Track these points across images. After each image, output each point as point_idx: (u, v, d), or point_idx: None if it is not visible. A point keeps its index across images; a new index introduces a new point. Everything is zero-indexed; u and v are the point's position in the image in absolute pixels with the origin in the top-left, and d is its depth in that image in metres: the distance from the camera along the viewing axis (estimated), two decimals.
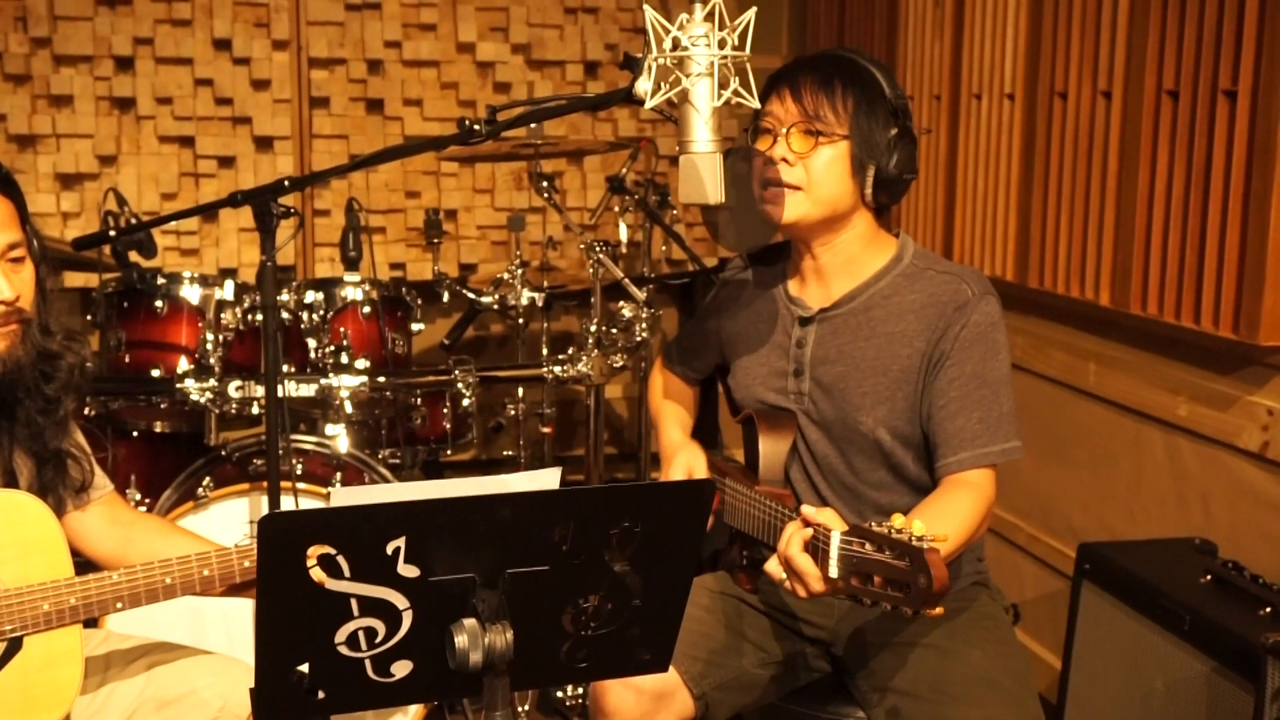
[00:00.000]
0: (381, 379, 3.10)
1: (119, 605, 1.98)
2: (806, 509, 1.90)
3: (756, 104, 1.96)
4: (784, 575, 1.90)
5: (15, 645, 1.93)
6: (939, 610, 1.70)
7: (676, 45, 1.88)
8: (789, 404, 2.28)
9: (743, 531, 2.25)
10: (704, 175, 1.92)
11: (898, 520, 1.75)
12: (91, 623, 2.56)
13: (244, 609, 2.64)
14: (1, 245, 1.98)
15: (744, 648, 2.26)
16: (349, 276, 3.30)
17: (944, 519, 1.98)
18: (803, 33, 4.79)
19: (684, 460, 2.33)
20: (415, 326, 3.43)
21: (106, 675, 2.12)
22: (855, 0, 4.29)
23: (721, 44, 1.88)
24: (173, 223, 3.65)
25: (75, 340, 2.15)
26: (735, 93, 1.91)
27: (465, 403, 3.36)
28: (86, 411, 3.09)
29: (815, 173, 2.15)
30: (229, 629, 2.81)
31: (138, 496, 3.15)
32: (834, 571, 1.81)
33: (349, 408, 3.09)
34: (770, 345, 2.32)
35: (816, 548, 1.84)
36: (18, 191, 2.05)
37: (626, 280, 3.36)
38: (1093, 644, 2.68)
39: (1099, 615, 2.66)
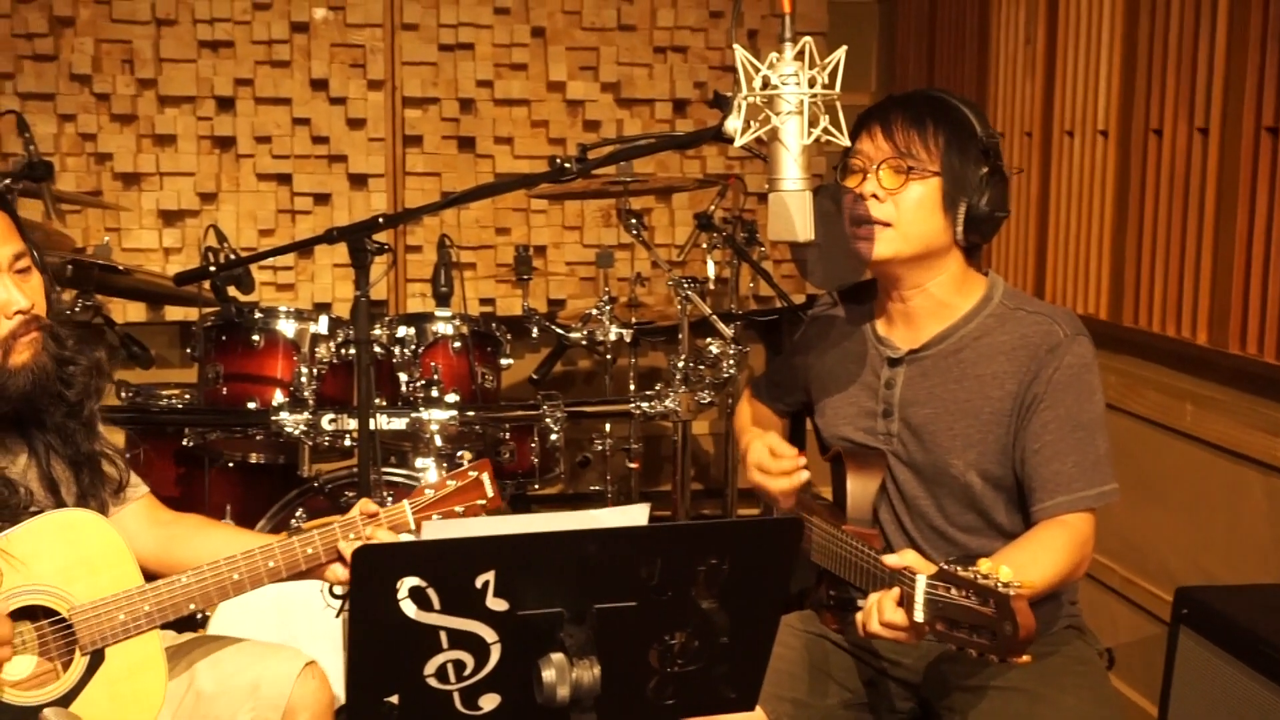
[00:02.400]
0: (471, 413, 3.13)
1: (191, 606, 2.03)
2: (889, 557, 1.89)
3: (846, 142, 1.96)
4: (876, 629, 1.89)
5: (98, 658, 1.97)
6: (1026, 658, 1.68)
7: (766, 84, 1.89)
8: (877, 444, 2.26)
9: (830, 571, 2.23)
10: (793, 213, 1.93)
11: (984, 565, 1.73)
12: (191, 624, 2.63)
13: (329, 613, 2.67)
14: (7, 257, 2.02)
15: (829, 687, 2.24)
16: (440, 312, 3.35)
17: (1034, 562, 1.95)
18: (891, 72, 4.79)
19: (760, 442, 2.25)
20: (504, 361, 3.46)
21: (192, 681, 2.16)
22: (945, 39, 4.27)
23: (811, 83, 1.89)
24: (270, 258, 3.74)
25: (87, 343, 2.18)
26: (825, 131, 1.91)
27: (553, 437, 3.38)
28: (184, 442, 3.15)
29: (906, 209, 2.14)
30: (313, 631, 2.84)
31: (210, 519, 3.20)
32: (919, 616, 1.79)
33: (438, 441, 3.13)
34: (859, 385, 2.31)
35: (903, 593, 1.82)
36: (9, 205, 2.10)
37: (714, 317, 3.37)
38: (1191, 691, 2.61)
39: (1197, 661, 2.59)
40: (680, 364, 3.31)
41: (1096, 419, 2.12)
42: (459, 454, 2.31)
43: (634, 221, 3.62)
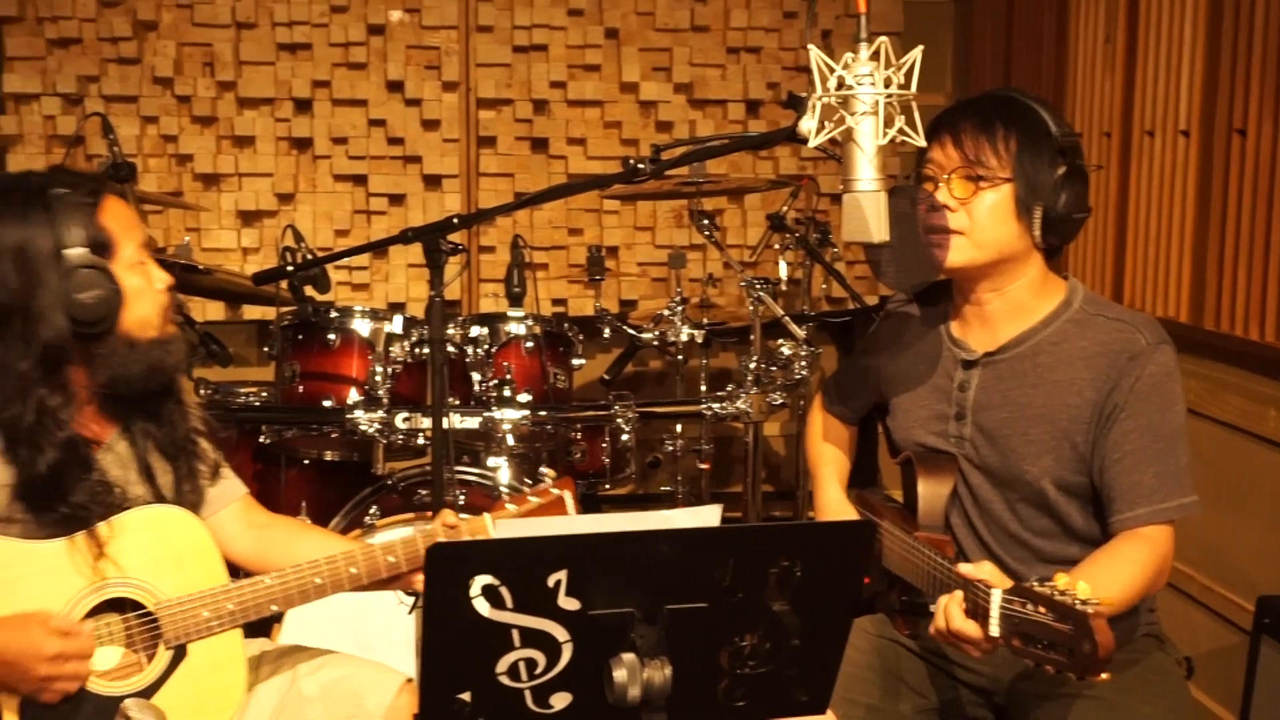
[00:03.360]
0: (542, 413, 3.15)
1: (273, 607, 2.07)
2: (964, 567, 1.87)
3: (921, 142, 1.94)
4: (949, 641, 1.88)
5: (181, 653, 2.01)
6: (1105, 676, 1.65)
7: (841, 84, 1.88)
8: (949, 447, 2.24)
9: (901, 577, 2.22)
10: (868, 214, 1.91)
11: (1062, 580, 1.71)
12: (262, 629, 2.66)
13: (402, 616, 2.70)
14: (143, 239, 2.09)
15: (902, 692, 2.22)
16: (513, 312, 3.36)
17: (1113, 576, 1.93)
18: (967, 71, 4.74)
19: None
20: (576, 361, 3.47)
21: (252, 681, 2.19)
22: (1022, 37, 4.22)
23: (887, 83, 1.87)
24: (346, 258, 3.78)
25: (176, 324, 2.21)
26: (900, 131, 1.90)
27: (624, 438, 3.38)
28: (261, 439, 3.19)
29: (978, 217, 2.11)
30: (389, 636, 2.87)
31: (307, 523, 3.24)
32: (995, 631, 1.77)
33: (511, 440, 3.14)
34: (930, 387, 2.29)
35: (976, 606, 1.80)
36: (130, 199, 2.17)
37: (786, 318, 3.36)
38: (1272, 701, 2.57)
39: (1279, 671, 2.54)
40: (752, 365, 3.30)
41: (1178, 429, 2.08)
42: (542, 471, 2.32)
43: (706, 222, 3.61)
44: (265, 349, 3.43)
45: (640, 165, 2.20)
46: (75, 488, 1.99)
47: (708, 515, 1.64)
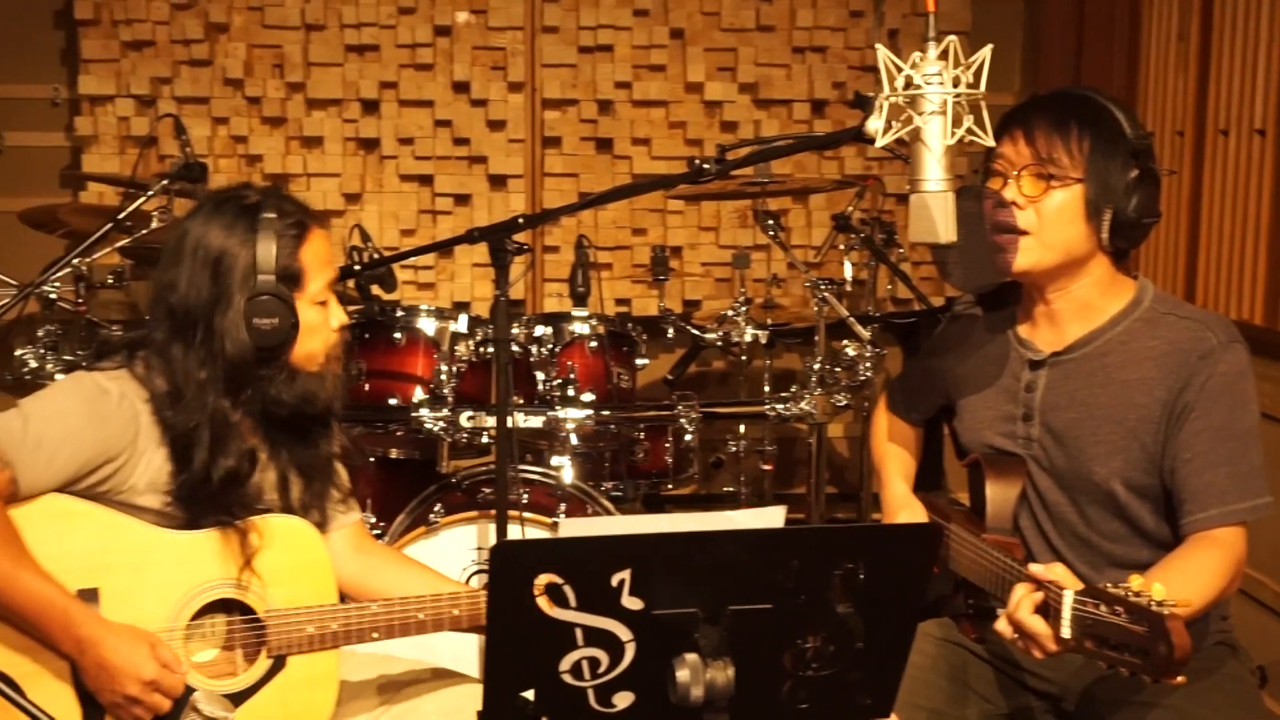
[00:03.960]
0: (606, 412, 3.15)
1: (375, 635, 2.08)
2: (1035, 567, 1.85)
3: (990, 142, 1.92)
4: (1014, 636, 1.86)
5: (280, 663, 2.03)
6: (1181, 679, 1.63)
7: (909, 83, 1.87)
8: (1017, 449, 2.22)
9: (968, 580, 2.19)
10: (935, 214, 1.90)
11: (1135, 582, 1.68)
12: None
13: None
14: (333, 276, 2.16)
15: (968, 698, 2.20)
16: (577, 311, 3.37)
17: (1187, 580, 1.90)
18: (1036, 70, 4.69)
19: (906, 517, 2.30)
20: (640, 361, 3.47)
21: (339, 690, 2.21)
22: (1093, 35, 4.17)
23: (955, 82, 1.86)
24: (411, 258, 3.81)
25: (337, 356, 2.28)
26: (969, 131, 1.88)
27: (687, 438, 3.37)
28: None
29: (1046, 217, 2.09)
30: (452, 641, 2.88)
31: (372, 519, 3.27)
32: (1066, 633, 1.75)
33: (574, 440, 3.15)
34: (998, 388, 2.26)
35: (1048, 607, 1.78)
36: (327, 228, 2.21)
37: (851, 319, 3.34)
38: None
39: None
40: (816, 366, 3.29)
41: (1250, 429, 2.05)
42: None
43: (771, 222, 3.60)
44: None
45: (705, 165, 2.19)
46: (235, 494, 2.05)
47: (771, 516, 1.64)
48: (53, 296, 3.65)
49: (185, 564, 2.01)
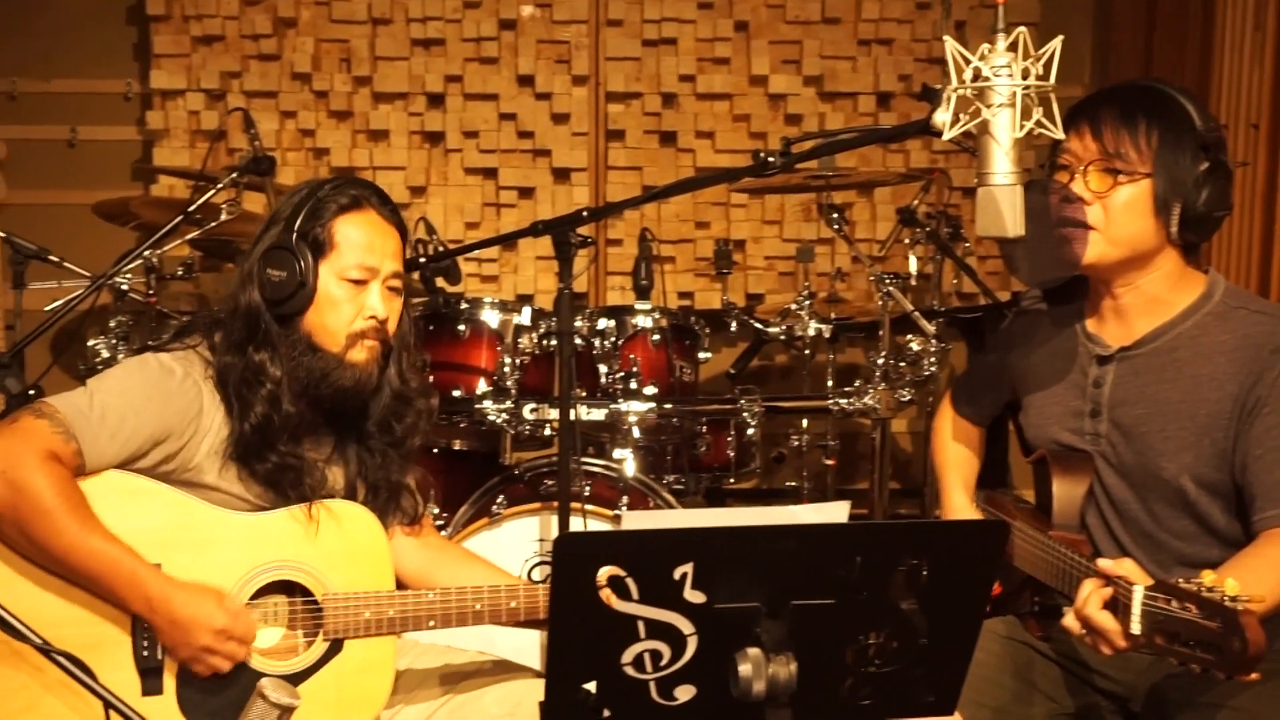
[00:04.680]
0: (668, 406, 3.15)
1: (431, 624, 2.10)
2: (1104, 562, 1.82)
3: (1060, 134, 1.90)
4: (1082, 632, 1.83)
5: (336, 647, 2.06)
6: (1255, 675, 1.60)
7: (977, 75, 1.85)
8: (1085, 445, 2.19)
9: (1034, 577, 2.17)
10: (1003, 208, 1.88)
11: (1208, 577, 1.66)
12: None
13: None
14: (389, 271, 2.14)
15: (1034, 697, 2.18)
16: (640, 305, 3.37)
17: (1260, 577, 1.86)
18: (1105, 62, 4.62)
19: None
20: (702, 355, 3.47)
21: (401, 679, 2.23)
22: (1165, 25, 4.10)
23: (1025, 74, 1.84)
24: (476, 250, 3.83)
25: (427, 392, 2.29)
26: (1038, 124, 1.86)
27: (749, 432, 3.37)
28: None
29: (1113, 212, 2.06)
30: (513, 631, 2.90)
31: (435, 510, 3.30)
32: (1136, 628, 1.73)
33: (636, 433, 3.15)
34: (1065, 383, 2.24)
35: (1117, 602, 1.76)
36: (405, 228, 2.23)
37: (916, 313, 3.31)
38: None
39: None
40: (880, 361, 3.27)
41: None
42: None
43: (835, 216, 3.58)
44: None
45: (770, 158, 2.18)
46: (275, 451, 2.07)
47: (835, 512, 1.63)
48: (124, 287, 3.71)
49: (246, 544, 2.04)
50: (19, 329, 4.08)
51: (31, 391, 3.06)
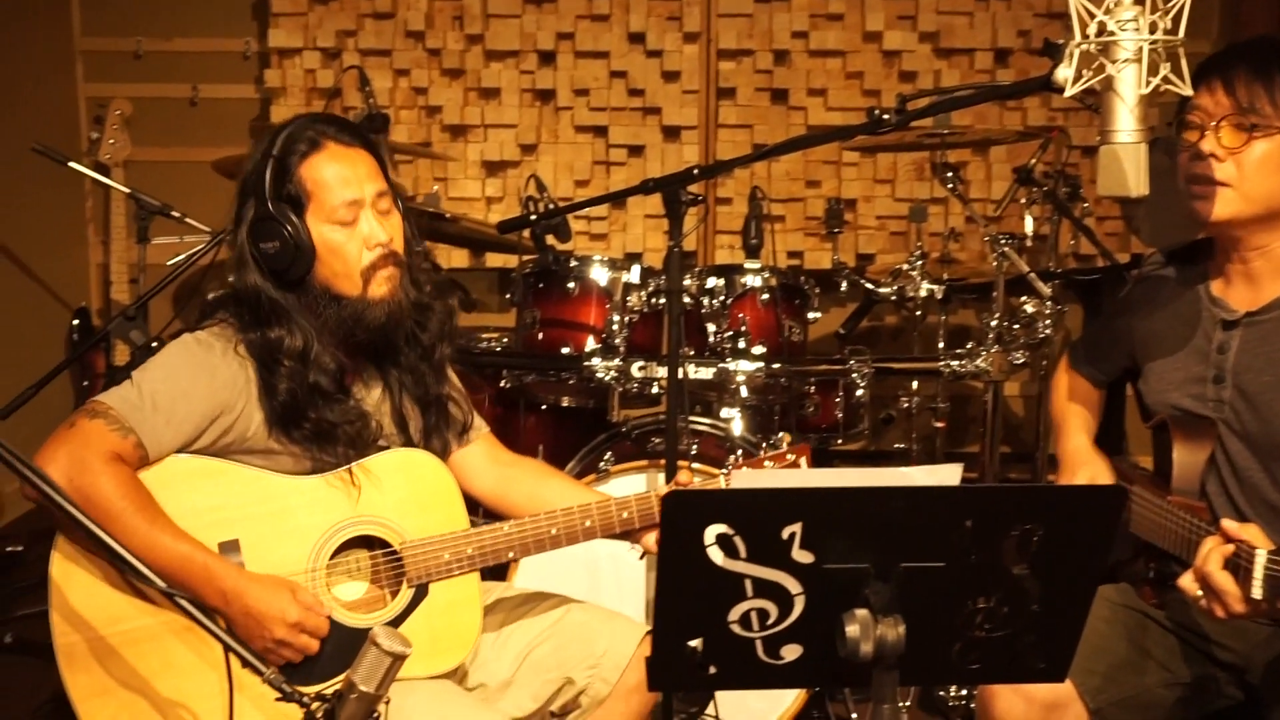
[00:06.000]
0: (777, 365, 3.14)
1: (510, 554, 2.13)
2: (1228, 523, 1.78)
3: (1188, 91, 1.84)
4: (1199, 593, 1.79)
5: (422, 592, 2.09)
6: None
7: (1102, 30, 1.79)
8: (1206, 411, 2.14)
9: (1151, 543, 2.13)
10: (1127, 167, 1.83)
11: None
12: (498, 574, 2.75)
13: (632, 562, 2.74)
14: (372, 194, 2.09)
15: (1147, 665, 2.14)
16: (749, 264, 3.35)
17: None
18: (1236, 15, 4.47)
19: (1087, 473, 2.23)
20: (811, 315, 3.44)
21: (498, 621, 2.26)
22: None
23: (1152, 28, 1.78)
24: (585, 208, 3.84)
25: (443, 290, 2.27)
26: (1165, 80, 1.80)
27: (858, 393, 3.34)
28: (502, 384, 3.29)
29: (1248, 169, 2.01)
30: (620, 581, 2.93)
31: (548, 466, 3.32)
32: (1257, 593, 1.69)
33: (744, 392, 3.14)
34: (1188, 349, 2.18)
35: (1238, 566, 1.72)
36: (375, 146, 2.16)
37: (1032, 274, 3.25)
38: None
39: None
40: (993, 323, 3.21)
41: None
42: (778, 436, 2.33)
43: (949, 175, 3.52)
44: (507, 296, 3.52)
45: (885, 116, 2.15)
46: (320, 404, 2.07)
47: (947, 474, 1.61)
48: None
49: (318, 506, 2.06)
50: (143, 283, 4.20)
51: (154, 344, 3.15)
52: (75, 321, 4.65)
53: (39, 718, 3.09)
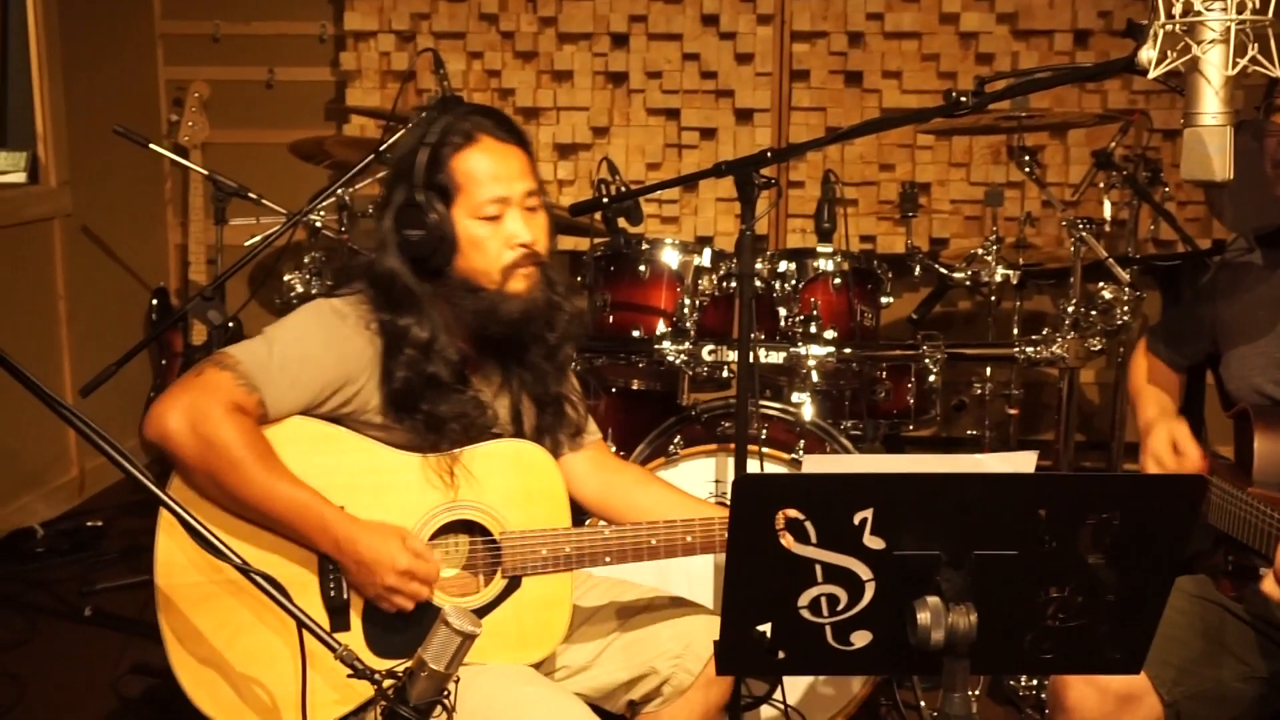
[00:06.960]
0: (848, 350, 3.12)
1: (607, 560, 2.12)
2: None
3: (1278, 73, 1.79)
4: None
5: (514, 584, 2.10)
6: None
7: (1188, 10, 1.75)
8: None
9: (1230, 535, 2.09)
10: (1211, 150, 1.79)
11: None
12: None
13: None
14: (521, 192, 2.11)
15: (1224, 659, 2.10)
16: (821, 247, 3.33)
17: None
18: None
19: (1164, 429, 2.18)
20: (884, 300, 3.41)
21: (575, 614, 2.25)
22: None
23: (1240, 7, 1.74)
24: (657, 191, 3.84)
25: (574, 292, 2.29)
26: (1253, 61, 1.76)
27: (930, 379, 3.30)
28: (573, 366, 3.29)
29: None
30: (688, 570, 2.93)
31: (613, 449, 3.33)
32: None
33: (815, 377, 3.12)
34: (1273, 334, 2.14)
35: None
36: (528, 144, 2.19)
37: (1110, 260, 3.19)
38: None
39: None
40: (1070, 309, 3.16)
41: None
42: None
43: (1026, 159, 3.47)
44: (578, 278, 3.52)
45: (963, 98, 2.12)
46: (436, 394, 2.08)
47: (1022, 461, 1.59)
48: (318, 224, 3.83)
49: (424, 485, 2.08)
50: (220, 263, 4.27)
51: (231, 324, 3.20)
52: (154, 301, 4.74)
53: (118, 689, 3.15)
